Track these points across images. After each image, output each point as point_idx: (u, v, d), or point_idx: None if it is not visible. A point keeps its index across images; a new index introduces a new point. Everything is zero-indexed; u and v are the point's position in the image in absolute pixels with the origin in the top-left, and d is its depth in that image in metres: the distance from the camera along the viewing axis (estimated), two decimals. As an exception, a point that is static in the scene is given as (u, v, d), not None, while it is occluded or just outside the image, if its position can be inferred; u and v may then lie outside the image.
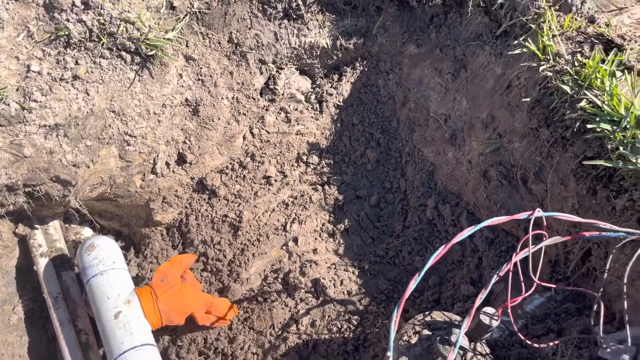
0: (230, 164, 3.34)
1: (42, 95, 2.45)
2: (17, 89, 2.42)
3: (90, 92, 2.59)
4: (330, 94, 3.45)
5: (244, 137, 3.35)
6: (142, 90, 2.77)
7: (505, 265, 2.02)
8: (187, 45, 2.93)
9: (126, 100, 2.73)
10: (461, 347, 2.07)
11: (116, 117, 2.72)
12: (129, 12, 2.62)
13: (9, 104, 2.35)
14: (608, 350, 1.82)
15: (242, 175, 3.31)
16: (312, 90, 3.52)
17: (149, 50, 2.67)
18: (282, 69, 3.34)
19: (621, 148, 2.10)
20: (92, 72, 2.60)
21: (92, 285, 2.57)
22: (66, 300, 2.81)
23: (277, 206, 3.24)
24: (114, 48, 2.64)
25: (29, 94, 2.42)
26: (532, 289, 2.01)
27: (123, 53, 2.67)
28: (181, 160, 3.14)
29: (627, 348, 1.76)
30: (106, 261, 2.62)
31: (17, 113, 2.38)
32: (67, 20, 2.53)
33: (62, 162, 2.57)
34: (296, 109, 3.44)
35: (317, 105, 3.48)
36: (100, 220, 3.34)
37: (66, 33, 2.53)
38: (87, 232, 3.31)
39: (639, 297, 2.03)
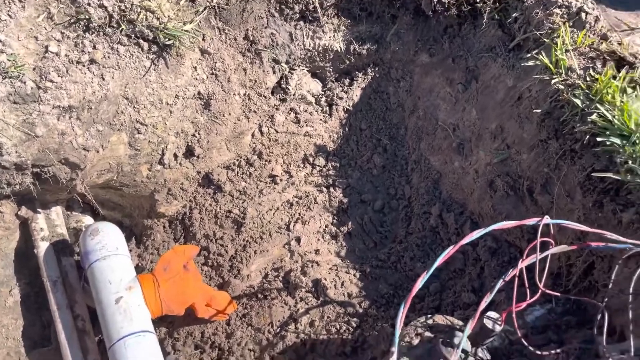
0: (237, 160, 3.34)
1: (59, 76, 2.45)
2: (34, 68, 2.42)
3: (105, 77, 2.60)
4: (341, 98, 3.48)
5: (253, 135, 3.36)
6: (157, 79, 2.79)
7: (511, 270, 2.04)
8: (203, 39, 2.96)
9: (140, 88, 2.74)
10: (463, 350, 2.07)
11: (129, 104, 2.73)
12: (149, 0, 2.64)
13: (25, 82, 2.36)
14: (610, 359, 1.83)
15: (248, 173, 3.31)
16: (322, 93, 3.54)
17: (166, 39, 2.69)
18: (294, 69, 3.37)
19: (630, 162, 2.14)
20: (108, 57, 2.62)
21: (94, 270, 2.55)
22: (65, 285, 2.78)
23: (282, 205, 3.24)
24: (132, 35, 2.66)
25: (46, 74, 2.42)
26: (538, 294, 2.02)
27: (141, 41, 2.69)
28: (189, 153, 3.14)
29: (629, 358, 1.77)
30: (109, 246, 2.61)
31: (32, 92, 2.38)
32: (89, 4, 2.55)
33: (72, 144, 2.57)
34: (306, 111, 3.46)
35: (327, 108, 3.51)
36: (102, 210, 3.33)
37: (86, 17, 2.55)
38: (88, 220, 3.29)
39: (640, 312, 2.04)
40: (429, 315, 2.27)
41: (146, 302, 2.48)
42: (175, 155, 3.09)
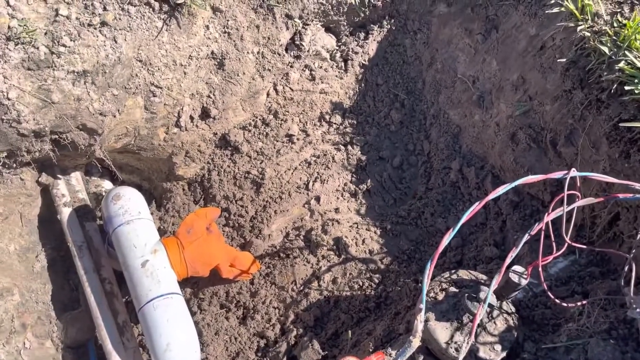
0: (253, 120, 3.31)
1: (71, 40, 2.41)
2: (46, 33, 2.38)
3: (118, 40, 2.55)
4: (356, 53, 3.40)
5: (268, 94, 3.31)
6: (169, 40, 2.73)
7: (537, 224, 2.02)
8: (214, -4, 2.88)
9: (153, 50, 2.69)
10: (489, 305, 2.09)
11: (143, 66, 2.68)
12: (158, -42, 2.56)
13: (38, 48, 2.32)
14: (638, 310, 1.83)
15: (264, 133, 3.28)
16: (337, 48, 3.46)
17: (177, -2, 2.63)
18: (308, 24, 3.28)
19: (660, 111, 2.08)
20: (120, 19, 2.56)
21: (118, 234, 2.58)
22: (90, 249, 2.82)
23: (300, 165, 3.23)
24: (143, -5, 2.59)
25: (58, 39, 2.38)
26: (564, 248, 2.00)
27: (151, 0, 2.62)
28: (205, 114, 3.11)
29: (657, 309, 1.77)
30: (132, 211, 2.63)
31: (45, 57, 2.34)
32: (96, -36, 2.47)
33: (89, 110, 2.54)
34: (321, 67, 3.39)
35: (342, 63, 3.43)
36: (120, 174, 3.33)
37: (95, -23, 2.48)
38: (107, 184, 3.31)
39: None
40: (453, 271, 2.28)
41: (172, 265, 2.52)
42: (192, 117, 3.06)
